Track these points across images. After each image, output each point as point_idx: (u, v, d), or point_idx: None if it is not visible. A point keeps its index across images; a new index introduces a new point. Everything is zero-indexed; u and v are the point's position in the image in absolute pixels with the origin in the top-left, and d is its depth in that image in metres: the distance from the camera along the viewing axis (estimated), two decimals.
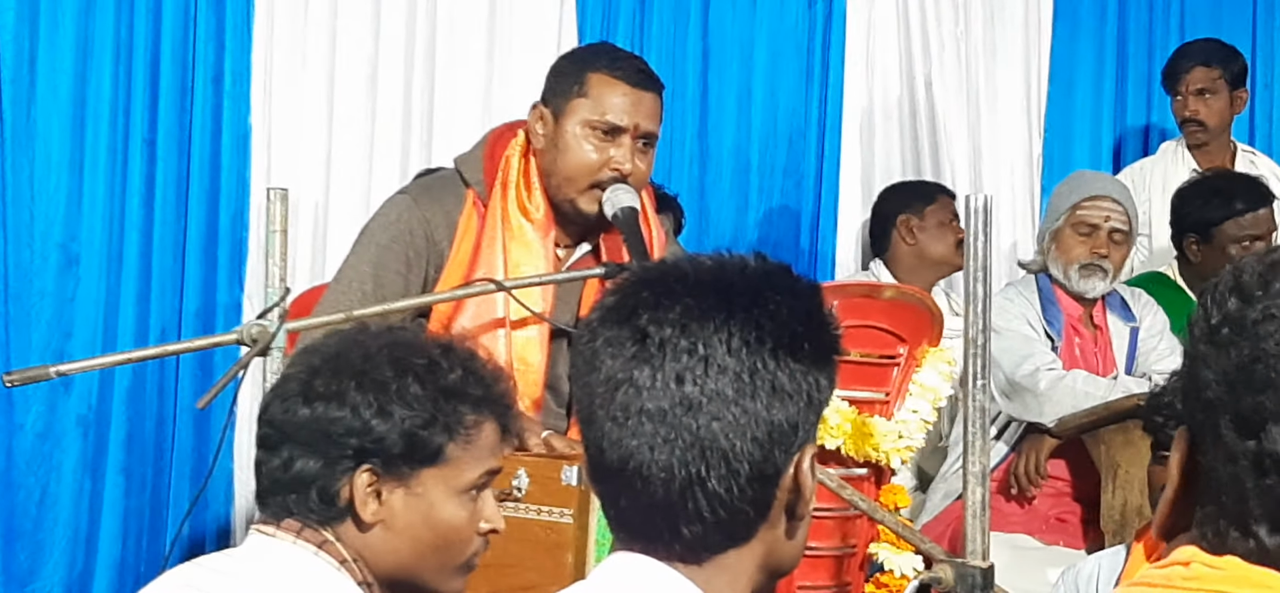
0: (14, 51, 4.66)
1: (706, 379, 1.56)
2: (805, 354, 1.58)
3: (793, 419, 1.57)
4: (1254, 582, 1.15)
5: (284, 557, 2.13)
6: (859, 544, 3.40)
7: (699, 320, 1.58)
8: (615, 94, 3.48)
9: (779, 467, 1.58)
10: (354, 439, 2.13)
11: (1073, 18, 6.22)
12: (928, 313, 3.50)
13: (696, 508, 1.58)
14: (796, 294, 1.62)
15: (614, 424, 1.60)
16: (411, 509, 2.16)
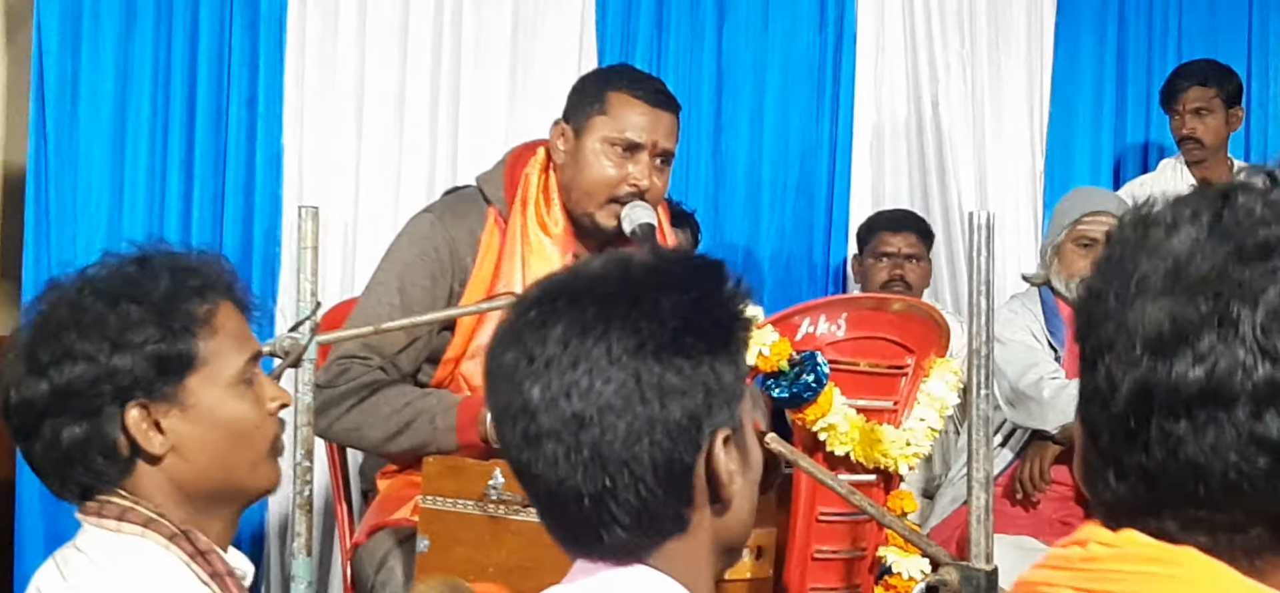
0: (57, 76, 4.70)
1: (593, 393, 1.56)
2: (693, 347, 1.58)
3: (691, 413, 1.57)
4: (1146, 558, 1.14)
5: (117, 550, 2.03)
6: (868, 548, 3.39)
7: (579, 336, 1.57)
8: (634, 113, 3.48)
9: (688, 461, 1.58)
10: (105, 385, 2.02)
11: (1074, 39, 6.22)
12: (935, 325, 3.49)
13: (615, 517, 1.58)
14: (680, 289, 1.61)
15: (518, 449, 1.61)
16: (192, 422, 2.07)
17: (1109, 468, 1.17)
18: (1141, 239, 1.16)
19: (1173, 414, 1.11)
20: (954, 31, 5.93)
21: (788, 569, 3.31)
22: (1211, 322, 1.10)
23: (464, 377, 3.45)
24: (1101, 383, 1.15)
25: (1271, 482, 1.11)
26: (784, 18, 5.73)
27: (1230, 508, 1.13)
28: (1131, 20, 6.34)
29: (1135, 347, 1.12)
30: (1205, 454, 1.11)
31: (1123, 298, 1.14)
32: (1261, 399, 1.10)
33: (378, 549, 3.44)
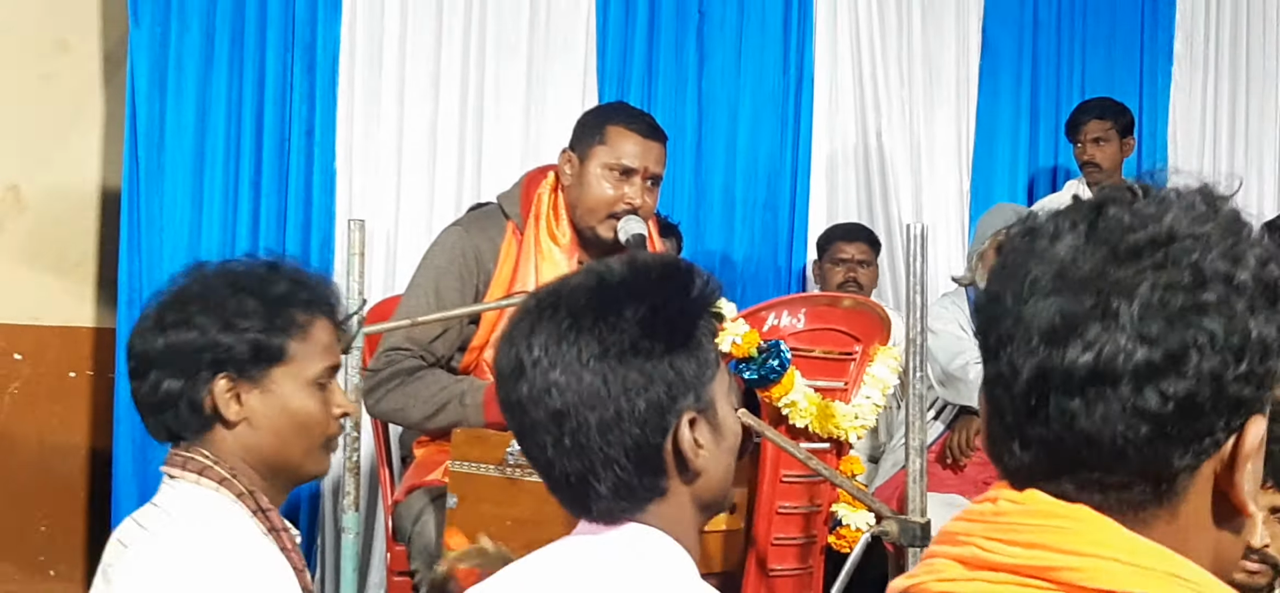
0: (146, 110, 4.71)
1: (569, 392, 1.58)
2: (652, 348, 1.59)
3: (655, 403, 1.58)
4: (1047, 513, 1.13)
5: (188, 500, 2.05)
6: (823, 504, 3.39)
7: (556, 343, 1.59)
8: (628, 142, 3.49)
9: (656, 443, 1.59)
10: (206, 354, 2.05)
11: (994, 81, 6.21)
12: (878, 319, 3.50)
13: (598, 492, 1.61)
14: (639, 299, 1.61)
15: (518, 437, 1.65)
16: (267, 404, 2.09)
17: (1013, 440, 1.15)
18: (1029, 247, 1.15)
19: (1068, 393, 1.10)
20: (894, 74, 5.93)
21: (756, 522, 3.32)
22: (1095, 314, 1.09)
23: (486, 363, 3.46)
24: (1004, 370, 1.13)
25: (1152, 445, 1.10)
26: (754, 62, 5.72)
27: (1118, 471, 1.12)
28: (1043, 64, 6.33)
29: (1032, 338, 1.11)
30: (1096, 426, 1.10)
31: (1018, 297, 1.13)
32: (1141, 377, 1.09)
33: (414, 505, 3.47)
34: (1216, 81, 6.70)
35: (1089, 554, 1.10)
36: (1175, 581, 1.10)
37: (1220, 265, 1.10)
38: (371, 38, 5.01)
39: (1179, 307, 1.09)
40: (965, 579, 1.15)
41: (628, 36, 5.48)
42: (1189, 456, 1.12)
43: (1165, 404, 1.10)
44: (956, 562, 1.16)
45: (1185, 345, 1.09)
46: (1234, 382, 1.11)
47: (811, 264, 5.57)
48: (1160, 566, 1.10)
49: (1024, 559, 1.12)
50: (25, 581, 4.98)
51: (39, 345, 4.99)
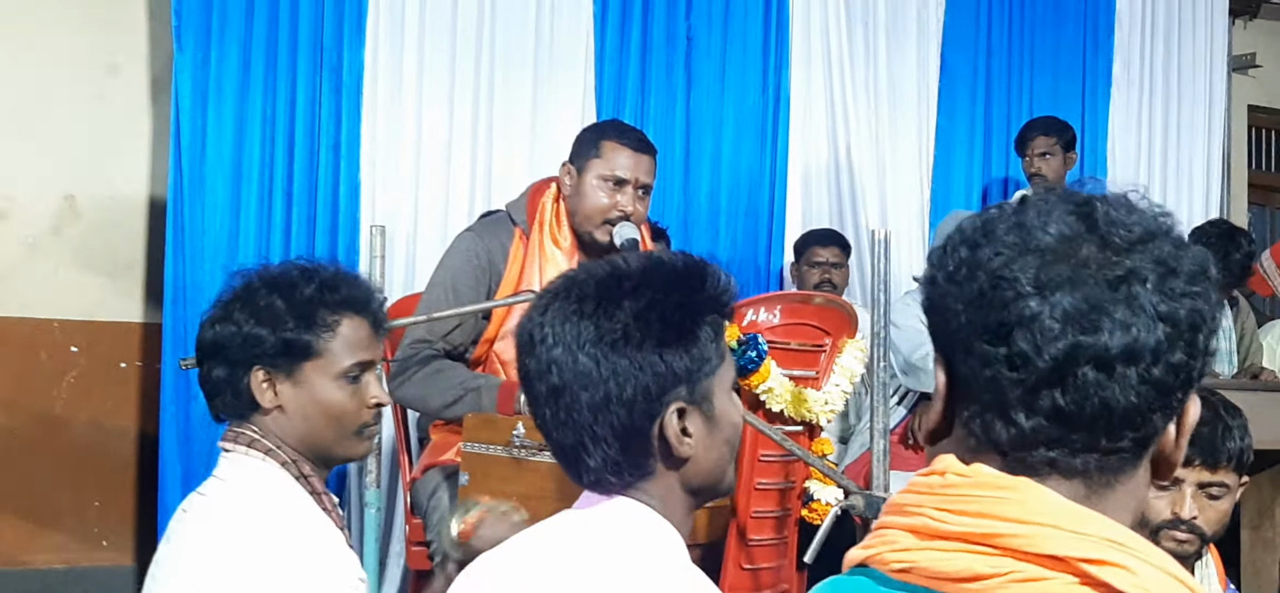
0: (189, 127, 4.70)
1: (566, 370, 1.58)
2: (643, 341, 1.57)
3: (644, 391, 1.57)
4: (991, 484, 1.13)
5: (242, 470, 2.09)
6: (797, 481, 3.39)
7: (560, 325, 1.59)
8: (622, 156, 3.49)
9: (642, 427, 1.58)
10: (244, 348, 2.08)
11: (951, 101, 6.22)
12: (846, 315, 3.50)
13: (588, 465, 1.61)
14: (637, 295, 1.60)
15: (530, 406, 1.65)
16: (299, 395, 2.11)
17: (1016, 411, 1.13)
18: (1022, 242, 1.14)
19: (1099, 369, 1.10)
20: (862, 95, 5.93)
21: (737, 497, 3.31)
22: (1120, 299, 1.10)
23: (496, 353, 3.47)
24: (1016, 351, 1.11)
25: (1152, 411, 1.12)
26: (736, 84, 5.71)
27: (1120, 434, 1.12)
28: (995, 86, 6.34)
29: (1056, 324, 1.10)
30: (1115, 395, 1.10)
31: (1037, 288, 1.11)
32: (1158, 352, 1.10)
33: (430, 483, 3.47)
34: (1150, 101, 6.72)
35: (1033, 523, 1.10)
36: (1112, 546, 1.09)
37: (1190, 257, 1.14)
38: (392, 62, 5.01)
39: (1175, 290, 1.11)
40: (919, 548, 1.14)
41: (622, 60, 5.48)
42: (1165, 421, 1.15)
43: (1168, 374, 1.11)
44: (908, 532, 1.15)
45: (1185, 322, 1.11)
46: (1204, 354, 1.14)
47: (789, 266, 5.56)
48: (1099, 532, 1.10)
49: (973, 528, 1.11)
50: (80, 550, 4.98)
51: (93, 339, 4.99)
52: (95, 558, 4.98)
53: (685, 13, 5.61)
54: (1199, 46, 6.85)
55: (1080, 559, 1.08)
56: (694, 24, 5.63)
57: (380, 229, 3.62)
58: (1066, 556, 1.08)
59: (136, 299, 5.05)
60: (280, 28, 4.84)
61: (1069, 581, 1.08)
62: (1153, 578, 1.09)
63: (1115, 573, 1.08)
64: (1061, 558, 1.08)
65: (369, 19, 4.95)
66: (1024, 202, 1.19)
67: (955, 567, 1.11)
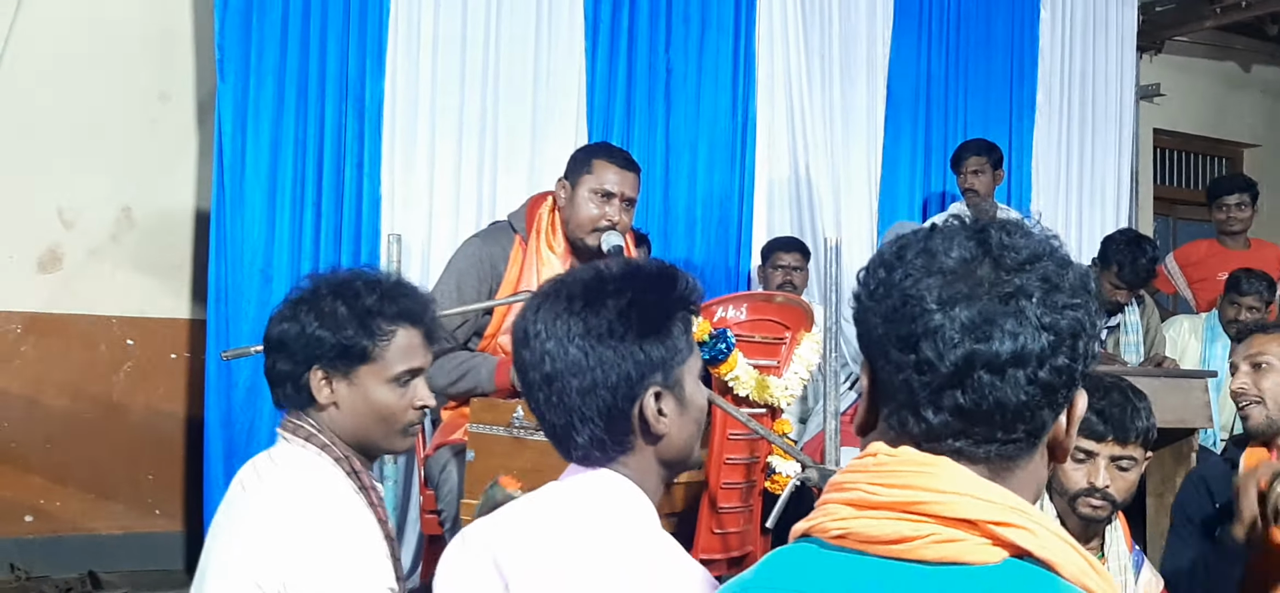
0: (231, 146, 4.69)
1: (557, 360, 1.59)
2: (625, 334, 1.58)
3: (625, 377, 1.58)
4: (916, 462, 1.15)
5: (295, 457, 2.05)
6: (761, 456, 3.40)
7: (552, 321, 1.60)
8: (610, 172, 3.48)
9: (624, 408, 1.59)
10: (305, 347, 2.04)
11: (896, 125, 6.22)
12: (804, 311, 3.50)
13: (578, 440, 1.61)
14: (619, 294, 1.60)
15: (525, 393, 1.65)
16: (353, 394, 2.05)
17: (924, 409, 1.16)
18: (928, 266, 1.16)
19: (992, 372, 1.12)
20: (819, 120, 5.92)
21: (709, 470, 3.32)
22: (1010, 313, 1.13)
23: (499, 345, 3.46)
24: (923, 358, 1.14)
25: (1039, 408, 1.14)
26: (709, 110, 5.70)
27: (1013, 428, 1.15)
28: (934, 113, 6.34)
29: (956, 335, 1.13)
30: (1006, 395, 1.13)
31: (940, 305, 1.14)
32: (1042, 358, 1.13)
33: (441, 458, 3.45)
34: (1068, 125, 6.74)
35: (949, 493, 1.13)
36: (1016, 512, 1.13)
37: (1072, 275, 1.17)
38: (409, 91, 4.98)
39: (1059, 303, 1.14)
40: (854, 517, 1.16)
41: (610, 89, 5.46)
42: (1054, 416, 1.18)
43: (1053, 376, 1.14)
44: (847, 505, 1.17)
45: (1067, 332, 1.14)
46: (1085, 358, 1.16)
47: (756, 269, 5.56)
48: (1004, 501, 1.13)
49: (900, 498, 1.14)
50: (135, 518, 4.98)
51: (146, 333, 4.99)
52: (149, 525, 4.98)
53: (665, 48, 5.60)
54: (1110, 78, 6.86)
55: (990, 522, 1.11)
56: (672, 58, 5.62)
57: (396, 238, 3.61)
58: (978, 519, 1.11)
59: (184, 298, 5.05)
60: (310, 61, 4.83)
61: (981, 541, 1.11)
62: (1050, 540, 1.12)
63: (1019, 534, 1.11)
64: (974, 522, 1.11)
65: (388, 54, 4.93)
66: (933, 229, 1.21)
67: (885, 531, 1.13)
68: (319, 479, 2.02)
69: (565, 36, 5.31)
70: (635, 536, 1.58)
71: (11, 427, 4.77)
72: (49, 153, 4.80)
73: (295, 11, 4.79)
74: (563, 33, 5.30)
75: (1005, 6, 6.53)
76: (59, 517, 4.82)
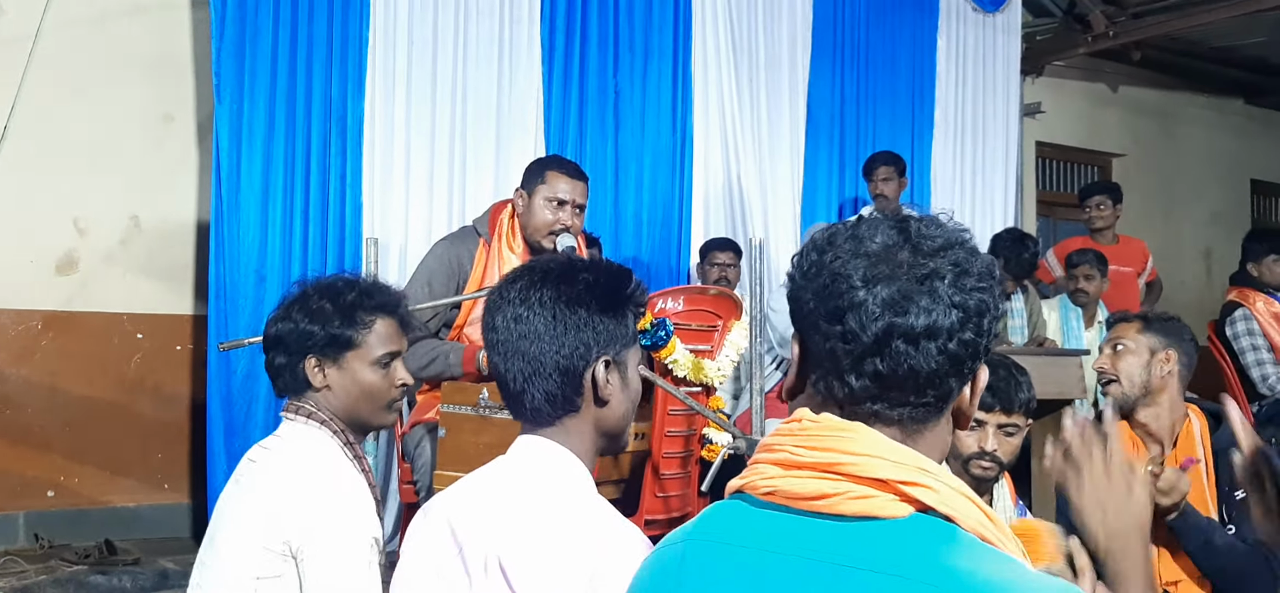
0: (228, 161, 4.62)
1: (527, 323, 1.58)
2: (589, 306, 1.59)
3: (584, 343, 1.58)
4: (836, 427, 1.15)
5: (299, 432, 2.08)
6: (697, 429, 3.39)
7: (526, 290, 1.60)
8: (561, 180, 3.45)
9: (579, 369, 1.58)
10: (299, 341, 2.07)
11: (816, 139, 6.21)
12: (734, 302, 3.50)
13: (534, 396, 1.60)
14: (586, 274, 1.62)
15: (489, 349, 1.63)
16: (343, 378, 2.09)
17: (848, 375, 1.15)
18: (855, 250, 1.16)
19: (907, 342, 1.13)
20: (748, 134, 5.91)
21: (652, 441, 3.31)
22: (924, 291, 1.13)
23: (466, 336, 3.43)
24: (847, 330, 1.14)
25: (947, 376, 1.14)
26: (653, 127, 5.67)
27: (925, 393, 1.15)
28: (848, 128, 6.34)
29: (877, 309, 1.13)
30: (919, 363, 1.13)
31: (865, 282, 1.14)
32: (952, 331, 1.13)
33: (416, 435, 3.41)
34: (962, 139, 6.77)
35: (863, 455, 1.13)
36: (921, 472, 1.13)
37: (981, 262, 1.17)
38: (386, 112, 4.91)
39: (967, 286, 1.14)
40: (781, 476, 1.16)
41: (565, 108, 5.41)
42: (960, 385, 1.18)
43: (961, 348, 1.14)
44: (774, 465, 1.17)
45: (974, 310, 1.14)
46: (989, 335, 1.17)
47: (695, 266, 5.55)
48: (912, 462, 1.13)
49: (821, 459, 1.14)
50: (146, 493, 4.90)
51: (154, 328, 4.91)
52: (158, 498, 4.92)
53: (613, 73, 5.56)
54: (998, 97, 6.90)
55: (898, 482, 1.11)
56: (619, 82, 5.59)
57: (375, 241, 3.55)
58: (888, 478, 1.11)
59: (187, 297, 4.97)
60: (298, 85, 4.75)
61: (890, 497, 1.11)
62: (951, 496, 1.12)
63: (924, 491, 1.11)
64: (885, 481, 1.11)
65: (367, 78, 4.86)
66: (860, 220, 1.21)
67: (807, 489, 1.13)
68: (319, 449, 2.06)
69: (525, 62, 5.26)
70: (574, 498, 1.57)
71: (34, 412, 4.68)
72: (65, 168, 4.72)
73: (284, 40, 4.72)
74: (522, 59, 5.25)
75: (907, 36, 6.55)
76: (78, 492, 4.74)
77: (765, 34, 5.98)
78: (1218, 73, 8.39)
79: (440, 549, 1.57)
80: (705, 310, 3.39)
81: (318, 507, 1.95)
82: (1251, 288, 5.33)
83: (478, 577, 1.51)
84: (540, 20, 5.29)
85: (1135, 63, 7.79)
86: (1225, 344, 5.33)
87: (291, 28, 4.73)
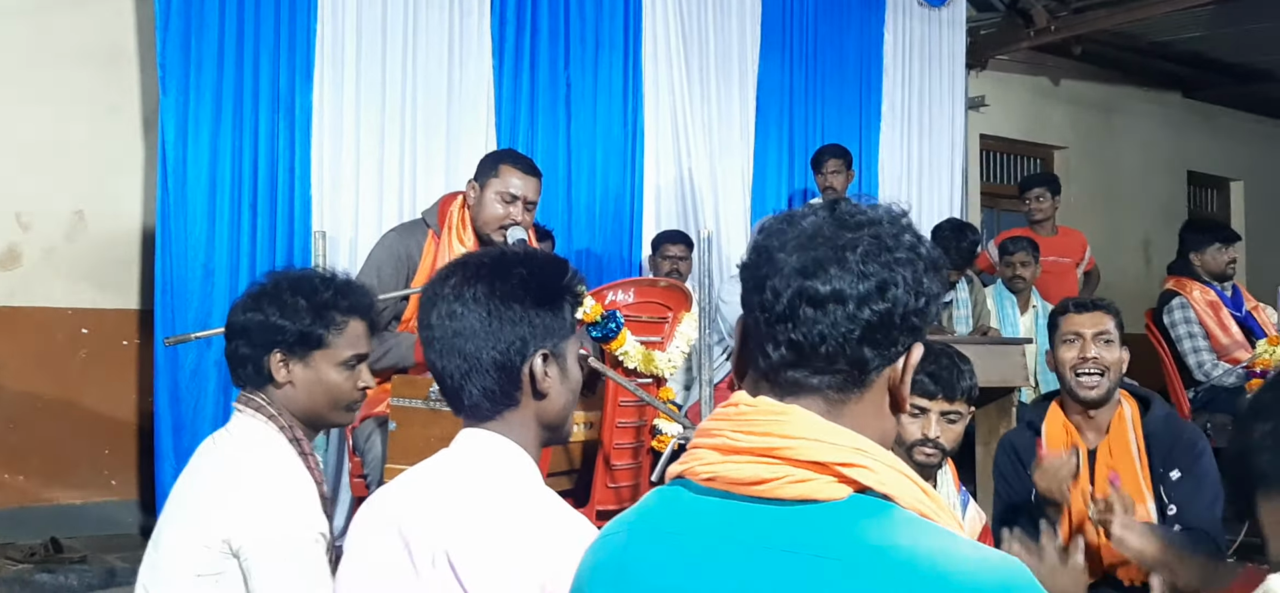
0: (173, 154, 4.56)
1: (461, 319, 1.57)
2: (523, 300, 1.58)
3: (520, 338, 1.58)
4: (772, 410, 1.17)
5: (247, 427, 2.05)
6: (648, 419, 3.40)
7: (460, 286, 1.59)
8: (514, 176, 3.43)
9: (516, 364, 1.58)
10: (266, 334, 2.03)
11: (765, 132, 6.23)
12: (684, 294, 3.50)
13: (471, 391, 1.59)
14: (520, 268, 1.61)
15: (425, 347, 1.62)
16: (307, 376, 2.05)
17: (768, 344, 1.18)
18: (785, 225, 1.20)
19: (815, 306, 1.15)
20: (699, 129, 5.91)
21: (604, 431, 3.31)
22: (833, 259, 1.15)
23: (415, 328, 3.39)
24: (768, 296, 1.17)
25: (859, 345, 1.16)
26: (604, 120, 5.66)
27: (837, 361, 1.16)
28: (796, 122, 6.36)
29: (791, 274, 1.15)
30: (827, 330, 1.15)
31: (781, 250, 1.17)
32: (859, 300, 1.15)
33: (366, 428, 3.38)
34: (909, 132, 6.82)
35: (800, 438, 1.14)
36: (858, 452, 1.13)
37: (907, 238, 1.18)
38: (335, 103, 4.86)
39: (884, 259, 1.15)
40: (720, 462, 1.17)
41: (516, 102, 5.39)
42: (878, 358, 1.18)
43: (872, 317, 1.15)
44: (712, 450, 1.18)
45: (887, 282, 1.15)
46: (912, 313, 1.17)
47: (647, 258, 5.55)
48: (848, 443, 1.14)
49: (758, 443, 1.15)
50: (95, 490, 4.83)
51: (100, 323, 4.83)
52: (106, 494, 4.84)
53: (564, 66, 5.54)
54: (943, 91, 6.97)
55: (836, 463, 1.12)
56: (571, 74, 5.57)
57: (323, 234, 3.52)
58: (826, 461, 1.12)
59: (133, 291, 4.88)
60: (245, 75, 4.69)
61: (829, 479, 1.12)
62: (888, 475, 1.13)
63: (861, 472, 1.12)
64: (823, 463, 1.12)
65: (316, 69, 4.80)
66: (805, 206, 1.24)
67: (746, 474, 1.14)
68: (264, 446, 2.02)
69: (475, 54, 5.22)
70: (521, 491, 1.56)
71: None
72: (7, 162, 4.61)
73: (230, 31, 4.65)
74: (473, 51, 5.22)
75: (855, 31, 6.59)
76: (22, 490, 4.65)
77: (715, 27, 5.99)
78: (1156, 67, 8.53)
79: (386, 544, 1.56)
80: (656, 302, 3.40)
81: (257, 504, 1.92)
82: (1189, 277, 5.44)
83: (425, 572, 1.49)
84: (490, 12, 5.26)
85: (1076, 57, 7.90)
86: (1163, 332, 5.43)
87: (238, 18, 4.67)
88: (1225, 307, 5.37)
